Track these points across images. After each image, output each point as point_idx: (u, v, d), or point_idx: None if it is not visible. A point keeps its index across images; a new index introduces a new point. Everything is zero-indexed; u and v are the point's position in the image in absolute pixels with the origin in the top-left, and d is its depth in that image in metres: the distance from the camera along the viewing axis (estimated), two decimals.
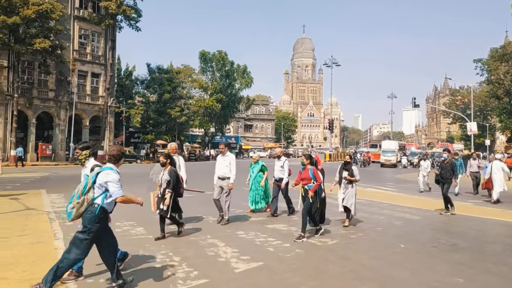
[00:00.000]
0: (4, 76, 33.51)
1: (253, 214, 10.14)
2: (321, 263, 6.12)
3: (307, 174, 7.62)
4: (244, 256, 6.13)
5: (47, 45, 31.50)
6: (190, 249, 6.64)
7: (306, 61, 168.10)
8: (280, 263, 5.95)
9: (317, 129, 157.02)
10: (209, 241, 7.20)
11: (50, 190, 14.48)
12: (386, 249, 6.96)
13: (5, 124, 33.60)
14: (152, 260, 5.96)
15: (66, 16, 37.24)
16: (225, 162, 8.85)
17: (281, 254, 6.42)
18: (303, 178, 7.68)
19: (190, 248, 6.71)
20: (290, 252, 6.58)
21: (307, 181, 7.57)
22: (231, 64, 60.22)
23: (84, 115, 40.02)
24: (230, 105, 61.47)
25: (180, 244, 6.99)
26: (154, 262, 5.87)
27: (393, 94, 69.26)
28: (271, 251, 6.65)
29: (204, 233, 7.86)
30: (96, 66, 41.12)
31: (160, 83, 50.33)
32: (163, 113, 49.77)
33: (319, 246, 7.05)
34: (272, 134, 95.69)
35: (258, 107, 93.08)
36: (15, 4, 29.58)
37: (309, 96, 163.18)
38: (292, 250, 6.68)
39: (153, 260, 5.96)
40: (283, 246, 6.97)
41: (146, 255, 6.26)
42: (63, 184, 16.72)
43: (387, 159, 40.90)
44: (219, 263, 5.89)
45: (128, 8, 38.60)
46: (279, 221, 9.30)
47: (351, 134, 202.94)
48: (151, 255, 6.23)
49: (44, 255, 6.04)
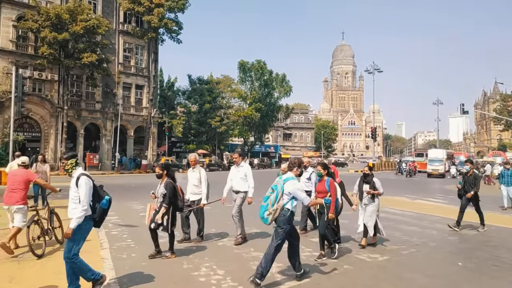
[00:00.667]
0: (55, 89, 35.25)
1: None
2: (371, 281, 5.76)
3: (323, 186, 6.94)
4: (290, 272, 5.90)
5: (94, 59, 32.85)
6: (234, 263, 6.49)
7: (346, 68, 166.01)
8: (327, 280, 5.69)
9: (358, 138, 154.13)
10: (253, 254, 7.02)
11: None
12: (442, 267, 6.49)
13: (56, 135, 35.22)
14: (196, 273, 5.88)
15: (112, 31, 38.81)
16: (239, 173, 8.01)
17: (328, 270, 6.14)
18: (318, 191, 7.01)
19: (234, 262, 6.56)
20: (337, 268, 6.28)
21: (323, 195, 6.85)
22: (270, 73, 60.28)
23: (129, 125, 41.34)
24: (269, 114, 61.41)
25: (223, 256, 6.86)
26: (198, 276, 5.77)
27: (439, 100, 66.74)
28: (318, 266, 6.37)
29: (248, 245, 7.68)
30: (140, 78, 42.47)
31: (200, 93, 51.25)
32: (203, 123, 50.53)
33: (369, 263, 6.69)
34: (312, 143, 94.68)
35: (297, 115, 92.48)
36: (64, 21, 31.11)
37: (350, 104, 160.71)
38: (340, 266, 6.37)
39: (197, 273, 5.87)
40: (330, 261, 6.65)
41: (190, 267, 6.19)
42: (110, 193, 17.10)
43: (434, 168, 39.09)
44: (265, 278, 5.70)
45: (169, 21, 39.65)
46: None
47: (395, 142, 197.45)
48: (195, 267, 6.15)
49: (90, 264, 6.06)
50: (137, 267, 6.12)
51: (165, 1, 38.81)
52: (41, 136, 34.88)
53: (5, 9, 32.36)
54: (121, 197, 15.44)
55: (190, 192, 7.89)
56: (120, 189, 19.41)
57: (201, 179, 7.84)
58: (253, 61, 59.43)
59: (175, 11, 40.62)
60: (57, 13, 30.56)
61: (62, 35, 30.80)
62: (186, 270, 6.05)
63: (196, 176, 7.91)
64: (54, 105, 34.94)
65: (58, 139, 35.03)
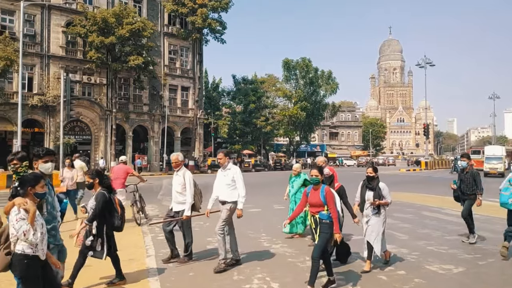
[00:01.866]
0: (103, 93, 36.04)
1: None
2: None
3: (317, 197, 4.99)
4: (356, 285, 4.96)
5: (140, 62, 33.21)
6: (289, 273, 5.74)
7: (394, 64, 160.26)
8: None
9: (407, 135, 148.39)
10: (308, 263, 6.05)
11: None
12: None
13: (105, 137, 35.98)
14: (247, 286, 5.18)
15: (157, 34, 39.20)
16: (226, 179, 6.08)
17: (396, 285, 5.23)
18: (311, 204, 5.10)
19: (289, 272, 5.80)
20: (407, 282, 5.33)
21: (317, 209, 5.00)
22: (315, 71, 58.70)
23: (176, 127, 41.62)
24: (314, 112, 59.86)
25: (276, 267, 6.07)
26: None
27: (495, 94, 62.27)
28: (384, 279, 5.47)
29: (302, 253, 6.82)
30: (185, 80, 42.67)
31: (245, 93, 50.87)
32: (248, 123, 50.12)
33: (442, 275, 5.68)
34: (360, 142, 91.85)
35: (344, 113, 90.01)
36: (111, 25, 31.63)
37: (398, 100, 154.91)
38: (410, 280, 5.41)
39: (249, 286, 5.17)
40: (397, 273, 5.72)
41: (241, 278, 5.51)
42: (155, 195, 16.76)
43: (492, 167, 35.85)
44: None
45: (213, 21, 39.56)
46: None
47: (446, 139, 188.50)
48: (247, 279, 5.46)
49: (135, 277, 5.50)
50: (184, 279, 5.56)
51: (208, 1, 38.78)
52: (91, 139, 35.76)
53: (54, 15, 33.43)
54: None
55: (174, 200, 6.41)
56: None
57: (186, 185, 6.21)
58: (298, 59, 58.25)
59: (218, 10, 40.52)
60: (104, 17, 31.15)
61: (108, 39, 31.37)
62: (237, 282, 5.36)
63: (179, 181, 6.29)
64: (103, 108, 35.71)
65: (108, 142, 35.75)
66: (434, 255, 6.78)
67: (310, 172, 5.17)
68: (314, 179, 5.06)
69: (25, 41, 31.68)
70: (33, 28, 32.30)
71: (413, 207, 12.77)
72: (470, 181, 7.91)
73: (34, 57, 32.24)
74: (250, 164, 43.73)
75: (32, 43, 32.28)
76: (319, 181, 5.03)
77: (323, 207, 4.91)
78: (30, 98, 31.50)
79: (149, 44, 35.49)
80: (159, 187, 6.34)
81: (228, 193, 6.01)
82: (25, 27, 31.82)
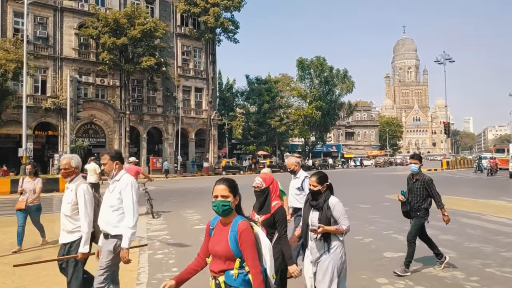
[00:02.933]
0: (117, 95, 35.63)
1: None
2: None
3: (222, 243, 2.47)
4: None
5: (153, 63, 32.71)
6: None
7: (409, 63, 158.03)
8: None
9: (424, 134, 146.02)
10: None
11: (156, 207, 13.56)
12: None
13: (120, 139, 35.54)
14: None
15: (169, 35, 38.72)
16: (111, 196, 3.88)
17: None
18: (215, 254, 2.52)
19: None
20: None
21: (220, 265, 2.48)
22: (330, 70, 57.55)
23: (190, 128, 41.05)
24: (330, 112, 58.70)
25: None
26: None
27: None
28: None
29: None
30: (199, 81, 42.10)
31: (259, 94, 50.01)
32: (263, 124, 49.27)
33: None
34: (376, 141, 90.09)
35: (360, 113, 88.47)
36: (122, 26, 31.20)
37: (414, 99, 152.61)
38: None
39: None
40: None
41: None
42: (167, 199, 16.05)
43: None
44: None
45: (225, 21, 38.90)
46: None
47: (463, 138, 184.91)
48: None
49: None
50: None
51: (221, 0, 38.11)
52: (106, 141, 35.36)
53: (67, 17, 33.19)
54: (177, 204, 14.35)
55: (62, 228, 4.17)
56: (178, 195, 18.46)
57: (78, 204, 4.02)
58: (312, 58, 57.25)
59: (231, 10, 39.86)
60: (115, 18, 30.74)
61: (120, 40, 30.97)
62: None
63: (69, 199, 4.10)
64: (116, 111, 35.31)
65: (122, 144, 35.31)
66: (499, 282, 5.28)
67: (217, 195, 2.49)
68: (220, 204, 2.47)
69: (38, 44, 31.72)
70: (46, 31, 32.11)
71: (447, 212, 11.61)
72: (420, 192, 5.77)
73: (47, 59, 32.03)
74: (265, 165, 42.90)
75: (45, 46, 32.08)
76: (230, 207, 2.48)
77: (231, 263, 2.44)
78: (43, 101, 31.29)
79: (162, 44, 35.00)
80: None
81: (112, 219, 3.80)
82: (37, 29, 31.82)
